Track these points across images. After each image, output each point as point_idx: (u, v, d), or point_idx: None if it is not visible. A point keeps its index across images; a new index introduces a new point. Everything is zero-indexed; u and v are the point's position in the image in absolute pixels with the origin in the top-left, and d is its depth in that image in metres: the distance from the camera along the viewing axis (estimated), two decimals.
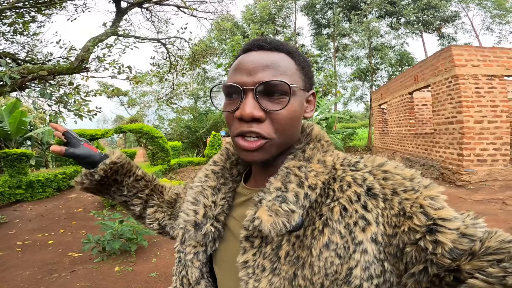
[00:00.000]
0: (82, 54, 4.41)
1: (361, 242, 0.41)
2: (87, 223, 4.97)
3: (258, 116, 0.46)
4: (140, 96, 23.25)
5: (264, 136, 0.47)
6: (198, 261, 0.57)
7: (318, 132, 0.56)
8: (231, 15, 9.73)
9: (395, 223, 0.41)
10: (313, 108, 0.55)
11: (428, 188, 0.43)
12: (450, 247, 0.37)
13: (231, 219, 0.57)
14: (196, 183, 0.60)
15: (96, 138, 10.86)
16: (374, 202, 0.43)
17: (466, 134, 6.14)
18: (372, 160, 0.49)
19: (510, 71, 6.34)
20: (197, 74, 20.84)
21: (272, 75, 0.47)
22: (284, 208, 0.44)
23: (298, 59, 0.52)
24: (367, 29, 17.74)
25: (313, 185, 0.46)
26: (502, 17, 22.21)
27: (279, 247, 0.46)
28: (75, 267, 3.18)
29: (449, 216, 0.39)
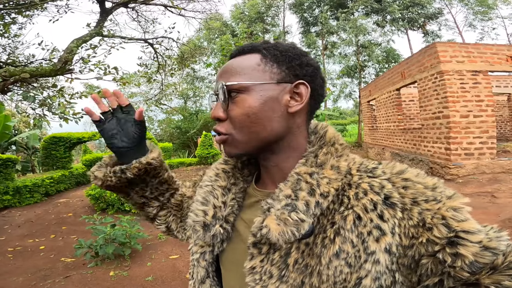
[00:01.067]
0: (65, 56, 4.30)
1: (374, 252, 0.41)
2: (78, 227, 4.89)
3: (219, 117, 0.51)
4: (128, 97, 22.83)
5: (223, 132, 0.51)
6: (204, 260, 0.56)
7: (333, 135, 0.53)
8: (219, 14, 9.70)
9: (413, 234, 0.40)
10: (304, 100, 0.51)
11: (451, 199, 0.41)
12: (470, 260, 0.36)
13: (240, 221, 0.56)
14: (206, 182, 0.59)
15: (84, 141, 10.62)
16: (392, 211, 0.42)
17: (453, 129, 6.28)
18: (392, 167, 0.47)
19: (494, 66, 6.53)
20: (186, 74, 20.66)
21: (226, 78, 0.50)
22: (294, 217, 0.43)
23: (265, 53, 0.51)
24: (354, 27, 17.96)
25: (326, 193, 0.45)
26: (484, 13, 22.82)
27: (288, 255, 0.45)
28: (69, 273, 3.12)
29: (473, 228, 0.38)
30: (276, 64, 0.50)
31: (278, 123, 0.50)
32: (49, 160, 9.47)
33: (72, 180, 9.47)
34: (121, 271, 3.08)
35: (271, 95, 0.49)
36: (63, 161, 9.67)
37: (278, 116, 0.50)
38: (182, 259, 3.33)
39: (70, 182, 9.21)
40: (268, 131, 0.50)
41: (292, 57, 0.51)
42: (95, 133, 11.09)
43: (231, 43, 13.25)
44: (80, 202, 6.83)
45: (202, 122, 19.94)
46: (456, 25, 23.99)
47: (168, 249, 3.63)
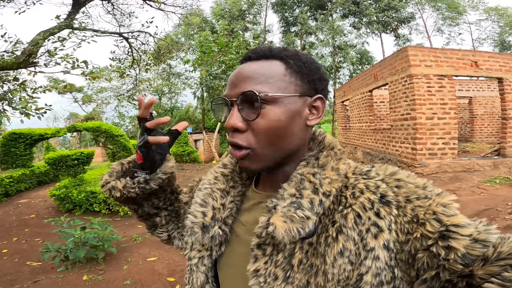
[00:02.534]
0: (30, 48, 4.01)
1: (373, 248, 0.42)
2: (42, 230, 4.64)
3: (238, 127, 0.48)
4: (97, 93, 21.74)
5: (244, 146, 0.48)
6: (203, 265, 0.56)
7: (331, 140, 0.55)
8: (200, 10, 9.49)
9: (408, 230, 0.42)
10: (320, 115, 0.53)
11: (440, 196, 0.43)
12: (462, 253, 0.38)
13: (238, 223, 0.56)
14: (205, 185, 0.59)
15: (46, 137, 9.98)
16: (388, 209, 0.44)
17: (419, 130, 6.68)
18: (384, 169, 0.49)
19: (459, 71, 7.00)
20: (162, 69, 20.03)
21: (251, 85, 0.48)
22: (299, 215, 0.44)
23: (290, 63, 0.50)
24: (332, 28, 18.48)
25: (328, 192, 0.46)
26: (453, 19, 24.29)
27: (292, 255, 0.45)
28: (37, 277, 2.96)
29: (462, 222, 0.40)
30: (300, 76, 0.50)
31: (298, 136, 0.51)
32: (8, 158, 8.82)
33: (34, 179, 8.88)
34: (95, 275, 2.96)
35: (296, 108, 0.49)
36: (24, 159, 9.06)
37: (299, 129, 0.51)
38: (160, 261, 3.25)
39: (31, 182, 8.65)
40: (290, 145, 0.51)
41: (314, 71, 0.52)
42: (59, 129, 10.46)
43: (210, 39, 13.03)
44: (43, 202, 6.48)
45: (177, 119, 19.50)
46: (426, 29, 25.18)
47: (145, 251, 3.53)
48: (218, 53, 8.85)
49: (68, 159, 6.38)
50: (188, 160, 12.85)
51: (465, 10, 24.19)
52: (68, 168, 6.48)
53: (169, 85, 22.97)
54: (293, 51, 0.52)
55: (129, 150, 10.49)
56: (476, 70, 7.01)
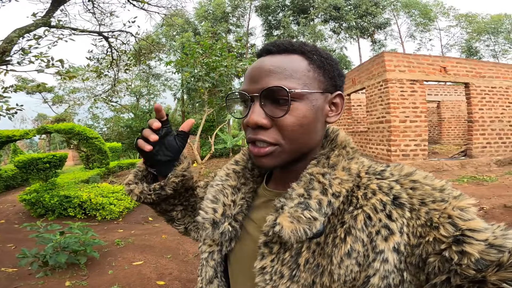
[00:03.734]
0: (4, 46, 3.82)
1: (382, 251, 0.41)
2: (14, 235, 4.42)
3: (262, 124, 0.47)
4: (70, 93, 20.72)
5: (271, 143, 0.47)
6: (212, 260, 0.57)
7: (344, 138, 0.54)
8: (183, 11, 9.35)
9: (421, 233, 0.41)
10: (340, 111, 0.52)
11: (458, 199, 0.42)
12: (476, 258, 0.37)
13: (248, 220, 0.57)
14: (217, 182, 0.59)
15: (14, 140, 9.40)
16: (400, 211, 0.43)
17: (393, 132, 7.02)
18: (400, 169, 0.48)
19: (429, 76, 7.40)
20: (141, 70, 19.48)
21: (276, 79, 0.46)
22: (307, 215, 0.43)
23: (314, 58, 0.49)
24: (313, 33, 18.99)
25: (337, 193, 0.46)
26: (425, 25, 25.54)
27: (299, 254, 0.45)
28: (15, 284, 2.83)
29: (479, 227, 0.39)
30: (322, 72, 0.50)
31: (319, 133, 0.52)
32: None
33: (1, 183, 8.36)
34: (78, 280, 2.86)
35: (319, 105, 0.49)
36: None
37: (320, 126, 0.51)
38: (147, 265, 3.18)
39: None
40: (312, 141, 0.51)
41: (334, 66, 0.51)
42: (28, 131, 9.89)
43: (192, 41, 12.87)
44: (12, 207, 6.18)
45: None
46: (400, 35, 26.43)
47: (129, 255, 3.44)
48: (202, 55, 8.80)
49: (39, 162, 6.06)
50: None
51: (436, 17, 25.55)
52: (39, 172, 6.16)
53: (148, 86, 22.40)
54: (312, 46, 0.51)
55: (104, 153, 10.11)
56: (445, 75, 7.47)
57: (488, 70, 7.77)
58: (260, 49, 0.52)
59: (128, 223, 5.16)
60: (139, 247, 3.68)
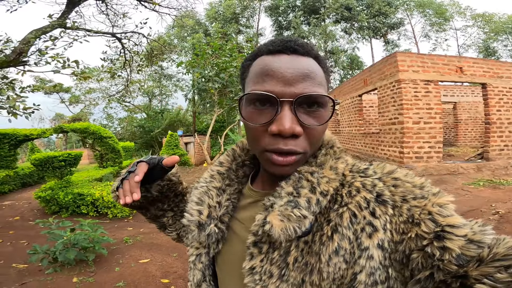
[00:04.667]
0: (21, 47, 3.95)
1: (367, 248, 0.42)
2: (27, 232, 4.52)
3: (297, 132, 0.44)
4: (85, 93, 21.33)
5: (300, 152, 0.46)
6: (200, 263, 0.56)
7: (330, 138, 0.55)
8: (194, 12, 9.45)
9: (403, 230, 0.41)
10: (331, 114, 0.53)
11: (437, 196, 0.43)
12: (457, 253, 0.37)
13: (235, 221, 0.57)
14: (201, 184, 0.59)
15: (32, 138, 9.72)
16: (383, 208, 0.43)
17: (406, 134, 6.86)
18: (382, 167, 0.49)
19: (444, 76, 7.20)
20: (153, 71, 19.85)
21: (314, 85, 0.45)
22: (296, 214, 0.43)
23: (324, 65, 0.50)
24: (324, 33, 18.80)
25: (325, 192, 0.46)
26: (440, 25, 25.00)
27: (288, 253, 0.45)
28: (25, 279, 2.89)
29: (458, 223, 0.39)
30: (327, 77, 0.50)
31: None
32: None
33: (17, 181, 8.63)
34: (85, 277, 2.90)
35: None
36: (8, 160, 8.79)
37: None
38: (153, 263, 3.22)
39: (15, 183, 8.41)
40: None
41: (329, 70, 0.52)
42: (45, 130, 10.20)
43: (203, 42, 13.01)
44: (28, 204, 6.30)
45: (167, 121, 19.31)
46: (414, 35, 25.90)
47: (136, 253, 3.48)
48: (212, 56, 8.86)
49: (55, 161, 6.24)
50: (178, 163, 12.75)
51: (452, 17, 24.95)
52: (55, 170, 6.33)
53: (160, 87, 22.77)
54: (318, 51, 0.50)
55: (117, 152, 10.32)
56: (461, 75, 7.24)
57: (506, 70, 7.50)
58: (279, 45, 0.47)
59: (138, 221, 5.23)
60: (147, 245, 3.72)
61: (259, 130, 0.46)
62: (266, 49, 0.48)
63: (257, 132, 0.47)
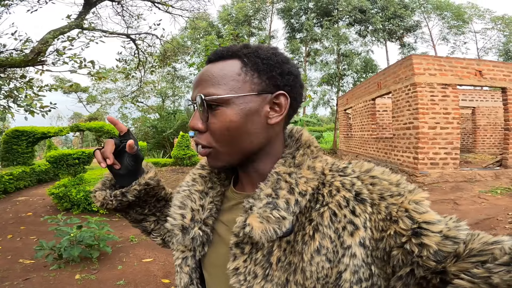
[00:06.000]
0: (39, 47, 4.06)
1: (350, 246, 0.42)
2: (38, 228, 4.63)
3: (198, 128, 0.50)
4: (102, 93, 21.93)
5: (205, 145, 0.50)
6: (187, 266, 0.56)
7: (308, 138, 0.55)
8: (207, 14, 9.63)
9: (382, 227, 0.42)
10: (283, 111, 0.51)
11: (412, 193, 0.43)
12: (435, 250, 0.38)
13: (219, 223, 0.56)
14: (183, 187, 0.59)
15: (49, 136, 10.03)
16: (362, 207, 0.44)
17: (421, 139, 6.64)
18: (360, 166, 0.49)
19: (463, 80, 6.94)
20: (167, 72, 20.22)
21: (204, 88, 0.48)
22: (275, 215, 0.44)
23: (245, 61, 0.49)
24: (337, 35, 18.57)
25: (304, 192, 0.46)
26: (459, 27, 24.28)
27: (270, 253, 0.46)
28: (29, 275, 2.93)
29: (433, 219, 0.40)
30: (257, 74, 0.49)
31: (258, 135, 0.50)
32: (9, 155, 8.86)
33: (33, 177, 8.90)
34: (88, 274, 2.93)
35: (252, 107, 0.48)
36: (25, 156, 9.08)
37: (258, 128, 0.50)
38: (156, 262, 3.22)
39: (31, 180, 8.64)
40: (249, 143, 0.50)
41: (273, 66, 0.50)
42: (62, 128, 10.50)
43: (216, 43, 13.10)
44: (42, 201, 6.46)
45: (179, 122, 19.55)
46: (431, 38, 25.29)
47: (140, 252, 3.50)
48: None
49: (69, 158, 6.41)
50: (188, 164, 12.87)
51: (471, 19, 24.26)
52: (69, 167, 6.50)
53: (173, 88, 23.12)
54: (254, 48, 0.51)
55: None
56: (480, 79, 6.98)
57: None
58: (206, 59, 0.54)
59: None
60: (151, 244, 3.73)
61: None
62: None
63: None
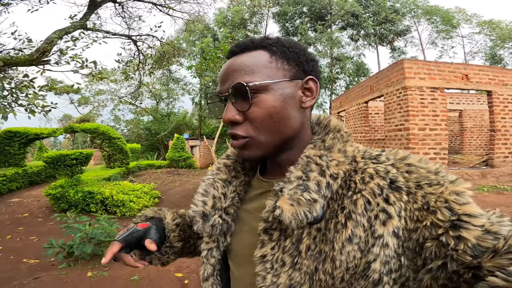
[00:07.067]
0: (44, 46, 4.11)
1: (381, 235, 0.41)
2: (37, 228, 4.62)
3: (234, 120, 0.49)
4: (95, 95, 21.68)
5: (243, 136, 0.49)
6: (212, 257, 0.58)
7: (337, 123, 0.55)
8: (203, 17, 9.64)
9: (418, 218, 0.41)
10: (314, 95, 0.53)
11: (454, 184, 0.42)
12: (473, 244, 0.36)
13: (244, 212, 0.57)
14: (208, 176, 0.61)
15: (42, 137, 9.87)
16: (398, 195, 0.43)
17: (411, 140, 6.94)
18: (395, 153, 0.48)
19: (450, 84, 7.28)
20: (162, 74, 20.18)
21: (240, 77, 0.48)
22: (306, 197, 0.43)
23: (274, 50, 0.51)
24: (330, 39, 18.96)
25: (335, 174, 0.46)
26: (447, 32, 24.95)
27: (300, 241, 0.45)
28: (37, 274, 2.92)
29: (475, 212, 0.38)
30: (286, 61, 0.51)
31: (295, 119, 0.51)
32: (1, 156, 8.68)
33: (25, 178, 8.72)
34: (100, 271, 2.94)
35: (288, 92, 0.50)
36: (17, 157, 8.89)
37: (295, 112, 0.51)
38: None
39: (23, 181, 8.51)
40: (288, 129, 0.51)
41: (298, 53, 0.52)
42: (55, 130, 10.33)
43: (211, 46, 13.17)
44: (36, 202, 6.39)
45: (174, 124, 19.53)
46: (421, 42, 25.98)
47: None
48: (223, 60, 9.04)
49: (67, 159, 6.39)
50: (184, 166, 12.90)
51: (459, 24, 24.90)
52: (66, 168, 6.48)
53: (168, 90, 23.07)
54: (275, 39, 0.53)
55: (125, 153, 10.48)
56: (467, 83, 7.32)
57: (511, 78, 7.58)
58: (227, 52, 0.55)
59: None
60: None
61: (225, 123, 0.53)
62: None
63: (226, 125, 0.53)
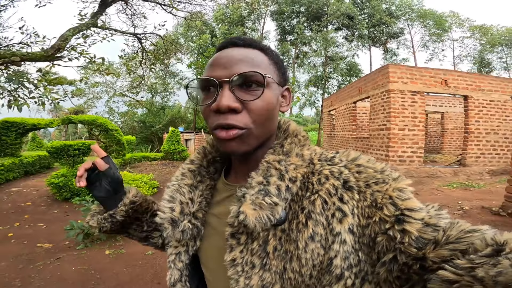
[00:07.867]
0: (59, 43, 4.49)
1: (339, 233, 0.43)
2: (42, 216, 4.71)
3: (234, 107, 0.47)
4: (91, 87, 21.73)
5: (241, 127, 0.47)
6: (180, 262, 0.57)
7: (295, 128, 0.57)
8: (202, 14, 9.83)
9: (368, 214, 0.43)
10: (289, 103, 0.56)
11: (396, 181, 0.45)
12: (416, 236, 0.39)
13: (211, 216, 0.58)
14: (172, 182, 0.60)
15: (39, 128, 9.90)
16: (350, 194, 0.45)
17: (392, 139, 7.51)
18: (347, 155, 0.50)
19: (430, 88, 7.80)
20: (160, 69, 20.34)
21: (247, 67, 0.48)
22: (268, 201, 0.45)
23: (271, 55, 0.53)
24: (325, 39, 19.39)
25: (293, 178, 0.47)
26: (439, 35, 25.42)
27: (266, 243, 0.46)
28: (58, 255, 3.11)
29: (415, 206, 0.41)
30: (277, 67, 0.54)
31: (276, 120, 0.55)
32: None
33: (21, 169, 8.63)
34: (116, 249, 3.22)
35: (277, 94, 0.53)
36: (13, 148, 8.75)
37: (277, 114, 0.54)
38: None
39: (19, 171, 8.47)
40: (273, 127, 0.54)
41: (282, 63, 0.56)
42: (53, 120, 10.38)
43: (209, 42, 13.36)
44: (36, 191, 6.39)
45: (169, 117, 19.74)
46: (412, 45, 26.54)
47: None
48: None
49: (70, 149, 6.59)
50: (178, 158, 13.24)
51: (450, 27, 25.40)
52: (69, 158, 6.73)
53: (164, 84, 23.19)
54: (266, 45, 0.55)
55: (122, 145, 10.74)
56: (445, 87, 7.84)
57: (488, 83, 8.11)
58: (225, 41, 0.54)
59: None
60: None
61: (206, 111, 0.50)
62: (217, 47, 0.55)
63: (206, 113, 0.50)
